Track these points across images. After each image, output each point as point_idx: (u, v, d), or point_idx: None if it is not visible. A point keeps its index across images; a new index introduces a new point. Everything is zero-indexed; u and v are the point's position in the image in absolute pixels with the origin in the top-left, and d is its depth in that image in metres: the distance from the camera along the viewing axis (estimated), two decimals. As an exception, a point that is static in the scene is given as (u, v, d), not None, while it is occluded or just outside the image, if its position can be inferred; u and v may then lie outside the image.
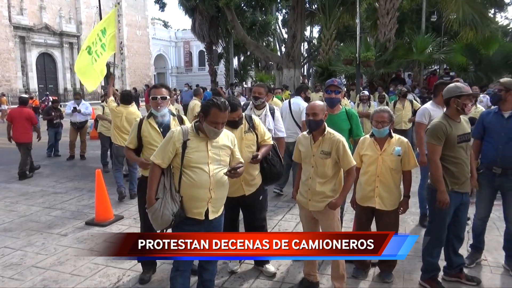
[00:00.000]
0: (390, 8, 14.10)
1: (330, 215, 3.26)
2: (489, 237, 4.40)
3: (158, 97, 3.58)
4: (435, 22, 21.84)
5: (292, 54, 17.43)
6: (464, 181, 3.37)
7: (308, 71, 35.33)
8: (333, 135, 3.24)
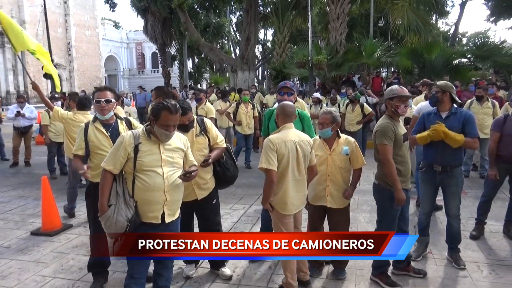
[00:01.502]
0: (340, 13, 14.53)
1: (272, 215, 3.31)
2: (434, 231, 4.65)
3: (102, 100, 3.48)
4: (382, 27, 22.79)
5: (246, 56, 17.52)
6: (408, 178, 3.57)
7: (263, 74, 35.64)
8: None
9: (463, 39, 34.41)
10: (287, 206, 3.24)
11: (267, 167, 3.11)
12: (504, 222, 4.76)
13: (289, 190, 3.22)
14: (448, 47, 17.08)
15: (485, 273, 3.81)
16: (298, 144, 3.23)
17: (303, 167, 3.28)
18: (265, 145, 3.17)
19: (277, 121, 3.35)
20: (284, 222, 3.27)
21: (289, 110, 3.32)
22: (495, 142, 4.57)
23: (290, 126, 3.31)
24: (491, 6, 21.27)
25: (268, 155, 3.12)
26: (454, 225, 4.00)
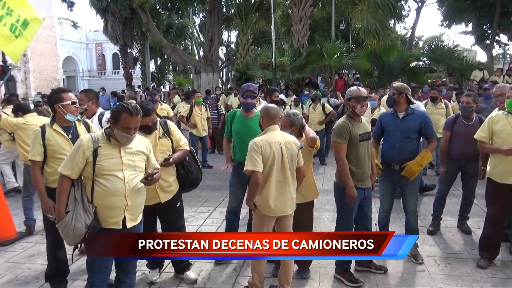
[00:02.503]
0: (302, 16, 14.77)
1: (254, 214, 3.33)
2: (394, 227, 4.80)
3: (77, 101, 3.43)
4: (343, 30, 23.36)
5: (210, 58, 17.45)
6: (366, 178, 3.66)
7: (227, 75, 35.61)
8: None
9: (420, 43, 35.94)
10: (270, 208, 3.21)
11: (252, 169, 3.08)
12: (458, 218, 5.00)
13: (272, 192, 3.19)
14: (405, 50, 17.78)
15: (441, 266, 3.98)
16: (284, 146, 3.20)
17: (288, 170, 3.22)
18: (250, 147, 3.14)
19: (261, 124, 3.32)
20: (265, 222, 3.24)
21: (273, 112, 3.29)
22: (446, 141, 4.81)
23: (274, 128, 3.28)
24: (444, 11, 22.30)
25: (253, 157, 3.09)
26: (412, 221, 4.16)
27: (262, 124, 3.30)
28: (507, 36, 21.53)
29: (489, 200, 4.02)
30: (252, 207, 3.25)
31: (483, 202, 4.33)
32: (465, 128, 4.64)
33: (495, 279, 3.70)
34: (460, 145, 4.66)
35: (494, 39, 20.67)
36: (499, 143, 3.81)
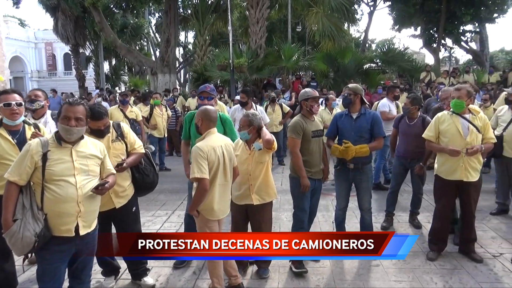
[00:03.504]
0: (259, 17, 14.86)
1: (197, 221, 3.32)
2: (350, 224, 4.95)
3: (12, 103, 3.18)
4: (300, 32, 23.75)
5: (166, 59, 17.16)
6: (317, 170, 3.96)
7: (184, 76, 35.15)
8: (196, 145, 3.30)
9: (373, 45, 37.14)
10: (214, 212, 3.23)
11: (200, 176, 3.05)
12: (409, 213, 5.22)
13: (216, 196, 3.22)
14: (359, 53, 18.34)
15: (394, 260, 4.13)
16: (224, 149, 3.25)
17: (229, 172, 3.30)
18: (195, 153, 3.10)
19: (200, 126, 3.29)
20: (209, 226, 3.26)
21: (213, 115, 3.29)
22: (394, 137, 5.15)
23: (214, 131, 3.30)
24: (394, 16, 23.20)
25: (200, 164, 3.06)
26: (366, 218, 4.32)
27: (200, 127, 3.28)
28: (451, 40, 22.71)
29: (437, 195, 4.24)
30: (195, 215, 3.23)
31: (432, 198, 4.55)
32: (408, 128, 4.92)
33: (444, 270, 3.91)
34: (404, 143, 4.94)
35: (440, 43, 21.76)
36: (445, 142, 4.02)
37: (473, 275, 3.79)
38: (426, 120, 4.83)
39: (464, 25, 21.89)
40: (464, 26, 22.01)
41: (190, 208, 3.25)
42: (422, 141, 4.34)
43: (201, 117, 3.27)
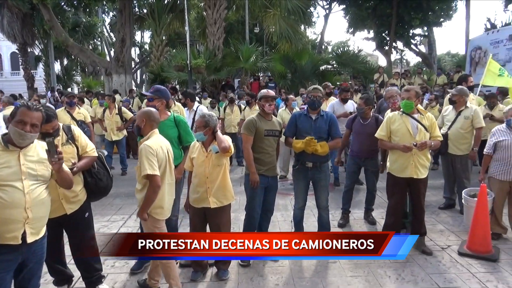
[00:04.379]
0: (217, 18, 14.82)
1: (145, 223, 3.31)
2: (308, 223, 5.03)
3: None
4: (258, 33, 23.92)
5: (121, 59, 16.69)
6: (270, 167, 4.07)
7: (141, 77, 34.36)
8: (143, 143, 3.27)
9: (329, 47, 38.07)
10: (163, 211, 3.31)
11: (152, 173, 3.08)
12: (364, 210, 5.39)
13: (165, 194, 3.32)
14: (315, 54, 18.74)
15: (351, 256, 4.27)
16: (167, 149, 3.37)
17: (173, 171, 3.44)
18: (145, 151, 3.11)
19: (143, 128, 3.32)
20: (159, 227, 3.29)
21: (156, 116, 3.40)
22: (346, 137, 5.25)
23: (157, 131, 3.40)
24: (349, 19, 23.92)
25: (150, 161, 3.10)
26: (324, 216, 4.41)
27: (143, 128, 3.32)
28: (402, 43, 23.75)
29: (389, 192, 4.41)
30: (144, 218, 3.21)
31: (385, 195, 4.72)
32: (362, 128, 5.07)
33: (396, 264, 4.06)
34: (358, 143, 5.10)
35: (392, 46, 22.71)
36: (396, 141, 4.20)
37: (423, 267, 3.97)
38: (379, 120, 5.01)
39: (414, 29, 22.98)
40: (413, 30, 23.10)
41: (142, 209, 3.20)
42: (376, 140, 4.52)
43: (144, 118, 3.32)
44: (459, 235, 4.75)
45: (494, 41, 10.95)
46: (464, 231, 4.77)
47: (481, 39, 12.05)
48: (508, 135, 4.43)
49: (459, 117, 5.39)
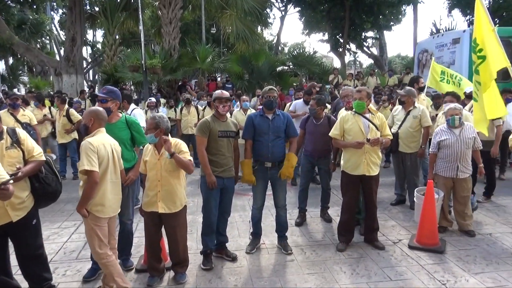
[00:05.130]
0: (172, 18, 14.56)
1: (85, 222, 3.29)
2: (266, 223, 5.08)
3: None
4: (215, 34, 23.80)
5: (72, 58, 16.00)
6: (226, 168, 4.04)
7: (93, 77, 33.13)
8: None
9: (285, 49, 38.58)
10: (105, 208, 3.29)
11: (90, 169, 3.09)
12: (320, 208, 5.51)
13: (108, 192, 3.31)
14: (272, 56, 18.91)
15: (308, 254, 4.35)
16: (113, 148, 3.37)
17: (118, 170, 3.45)
18: (85, 147, 3.15)
19: (91, 127, 3.35)
20: (99, 226, 3.28)
21: (104, 115, 3.44)
22: (301, 137, 5.33)
23: (103, 130, 3.41)
24: (304, 21, 24.35)
25: (90, 157, 3.12)
26: (282, 215, 4.46)
27: (91, 127, 3.35)
28: (355, 45, 24.51)
29: (343, 190, 4.54)
30: (84, 214, 3.20)
31: (340, 193, 4.84)
32: (315, 127, 5.19)
33: (351, 259, 4.19)
34: (311, 142, 5.20)
35: (345, 48, 23.36)
36: (349, 140, 4.33)
37: (376, 262, 4.12)
38: (331, 120, 5.15)
39: (365, 32, 23.77)
40: (365, 33, 23.89)
41: (80, 205, 3.20)
42: (329, 139, 4.65)
43: (92, 117, 3.34)
44: (409, 230, 4.97)
45: (439, 44, 11.56)
46: (414, 225, 5.00)
47: (427, 43, 12.67)
48: (449, 134, 4.71)
49: (408, 116, 5.66)
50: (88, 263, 3.99)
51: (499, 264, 4.04)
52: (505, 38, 10.02)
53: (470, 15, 21.31)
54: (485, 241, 4.60)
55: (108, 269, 3.30)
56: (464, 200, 4.78)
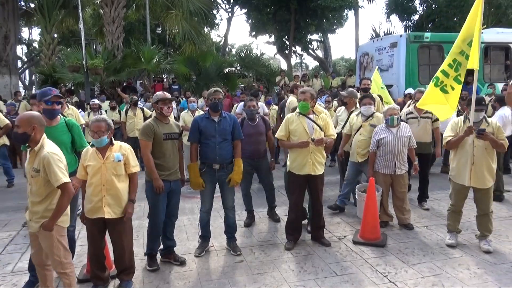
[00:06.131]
0: (115, 17, 14.08)
1: (47, 235, 3.04)
2: (215, 225, 5.06)
3: None
4: (161, 34, 23.29)
5: (5, 58, 14.99)
6: (172, 171, 3.99)
7: (30, 78, 31.19)
8: (43, 151, 2.99)
9: (233, 50, 38.66)
10: (68, 217, 3.21)
11: (67, 181, 2.97)
12: (267, 208, 5.57)
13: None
14: (220, 57, 18.87)
15: (257, 254, 4.39)
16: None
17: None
18: (53, 160, 2.95)
19: (34, 135, 3.01)
20: (63, 236, 3.17)
21: (43, 121, 3.19)
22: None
23: (45, 136, 3.16)
24: (250, 23, 24.54)
25: (61, 168, 3.00)
26: (230, 216, 4.47)
27: (35, 135, 3.03)
28: (301, 48, 25.12)
29: (290, 190, 4.63)
30: (50, 228, 3.01)
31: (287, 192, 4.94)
32: (252, 128, 5.17)
33: (299, 257, 4.29)
34: (249, 144, 5.13)
35: (291, 50, 23.85)
36: (295, 140, 4.42)
37: (323, 258, 4.25)
38: (266, 119, 5.36)
39: (311, 35, 24.43)
40: (310, 36, 24.55)
41: (53, 219, 3.00)
42: (265, 139, 4.81)
43: (35, 124, 3.01)
44: (353, 226, 5.17)
45: (379, 48, 12.14)
46: (357, 221, 5.21)
47: (368, 46, 13.27)
48: (387, 132, 4.97)
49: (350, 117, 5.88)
50: (25, 275, 3.75)
51: (434, 254, 4.31)
52: (437, 43, 10.80)
53: (406, 21, 22.67)
54: (422, 234, 4.90)
55: (69, 280, 3.16)
56: (402, 196, 5.06)
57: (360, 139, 5.35)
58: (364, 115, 5.41)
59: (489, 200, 4.39)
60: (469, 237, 4.72)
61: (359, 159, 5.39)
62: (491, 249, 4.31)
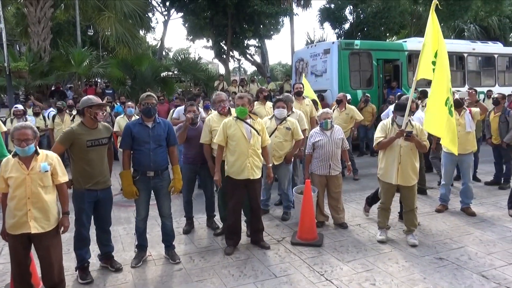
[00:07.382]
0: (41, 17, 13.23)
1: None
2: (152, 234, 4.91)
3: None
4: (93, 36, 22.25)
5: None
6: (99, 180, 3.85)
7: None
8: None
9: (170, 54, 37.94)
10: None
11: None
12: (206, 217, 5.47)
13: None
14: (156, 61, 18.43)
15: (196, 261, 4.33)
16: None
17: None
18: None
19: None
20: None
21: None
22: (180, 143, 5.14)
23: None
24: (187, 27, 24.27)
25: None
26: (168, 224, 4.36)
27: None
28: (238, 53, 25.31)
29: (229, 194, 4.62)
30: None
31: (226, 197, 4.93)
32: (193, 132, 5.09)
33: (239, 261, 4.30)
34: (193, 148, 5.08)
35: (229, 55, 23.94)
36: (233, 145, 4.44)
37: (262, 261, 4.29)
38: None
39: (248, 40, 24.68)
40: (248, 41, 24.80)
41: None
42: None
43: None
44: (292, 227, 5.29)
45: (313, 54, 12.56)
46: (296, 223, 5.33)
47: (303, 52, 13.67)
48: (322, 135, 5.18)
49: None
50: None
51: (367, 250, 4.54)
52: (366, 50, 11.43)
53: (338, 29, 23.77)
54: (356, 231, 5.14)
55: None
56: (337, 196, 5.28)
57: (276, 142, 5.39)
58: (278, 118, 5.51)
59: (413, 197, 4.72)
60: (397, 232, 5.03)
61: (275, 161, 5.40)
62: (416, 243, 4.63)
